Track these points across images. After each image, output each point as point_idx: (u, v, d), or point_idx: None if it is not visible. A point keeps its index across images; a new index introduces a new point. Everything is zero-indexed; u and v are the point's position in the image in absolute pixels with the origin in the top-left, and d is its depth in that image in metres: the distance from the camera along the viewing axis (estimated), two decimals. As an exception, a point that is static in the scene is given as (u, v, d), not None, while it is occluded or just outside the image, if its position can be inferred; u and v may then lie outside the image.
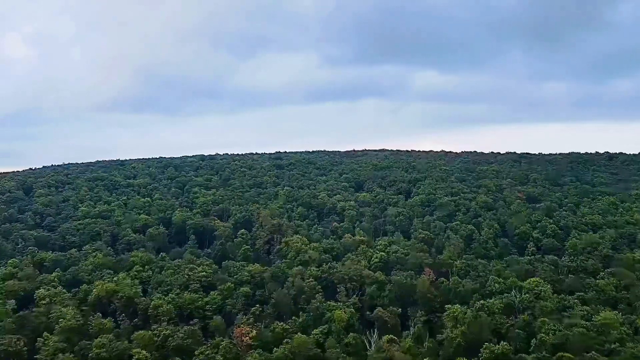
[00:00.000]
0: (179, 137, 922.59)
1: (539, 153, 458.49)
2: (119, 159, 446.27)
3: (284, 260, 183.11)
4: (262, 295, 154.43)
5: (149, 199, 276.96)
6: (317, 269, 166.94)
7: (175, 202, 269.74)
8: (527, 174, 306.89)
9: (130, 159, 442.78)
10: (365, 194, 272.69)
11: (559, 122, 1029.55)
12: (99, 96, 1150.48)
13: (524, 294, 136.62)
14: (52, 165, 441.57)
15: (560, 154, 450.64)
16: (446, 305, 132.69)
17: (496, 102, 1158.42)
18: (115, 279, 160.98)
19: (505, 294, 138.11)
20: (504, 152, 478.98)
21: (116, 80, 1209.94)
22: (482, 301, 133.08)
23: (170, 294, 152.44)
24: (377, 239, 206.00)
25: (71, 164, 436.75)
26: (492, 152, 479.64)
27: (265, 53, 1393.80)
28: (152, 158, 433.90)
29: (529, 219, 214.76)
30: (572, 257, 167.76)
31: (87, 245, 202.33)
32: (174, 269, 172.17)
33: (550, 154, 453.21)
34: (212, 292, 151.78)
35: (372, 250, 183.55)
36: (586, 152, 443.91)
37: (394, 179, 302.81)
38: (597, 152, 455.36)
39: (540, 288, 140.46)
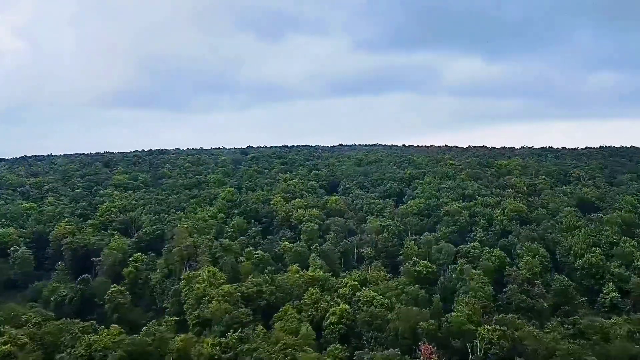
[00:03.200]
0: (182, 135, 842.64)
1: (563, 147, 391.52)
2: (50, 153, 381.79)
3: (171, 317, 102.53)
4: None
5: (33, 203, 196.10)
6: (219, 340, 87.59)
7: (66, 209, 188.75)
8: (564, 170, 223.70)
9: (67, 154, 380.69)
10: (337, 197, 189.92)
11: (594, 119, 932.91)
12: (98, 90, 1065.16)
13: None
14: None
15: (587, 147, 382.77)
16: None
17: (534, 96, 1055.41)
18: None
19: None
20: (519, 147, 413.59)
21: (117, 72, 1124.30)
22: None
23: None
24: (344, 272, 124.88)
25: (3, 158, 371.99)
26: (504, 147, 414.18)
27: (292, 36, 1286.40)
28: (95, 153, 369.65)
29: (596, 239, 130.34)
30: None
31: None
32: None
33: (576, 148, 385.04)
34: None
35: (329, 298, 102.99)
36: (622, 146, 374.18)
37: (381, 176, 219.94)
38: (632, 146, 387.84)
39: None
